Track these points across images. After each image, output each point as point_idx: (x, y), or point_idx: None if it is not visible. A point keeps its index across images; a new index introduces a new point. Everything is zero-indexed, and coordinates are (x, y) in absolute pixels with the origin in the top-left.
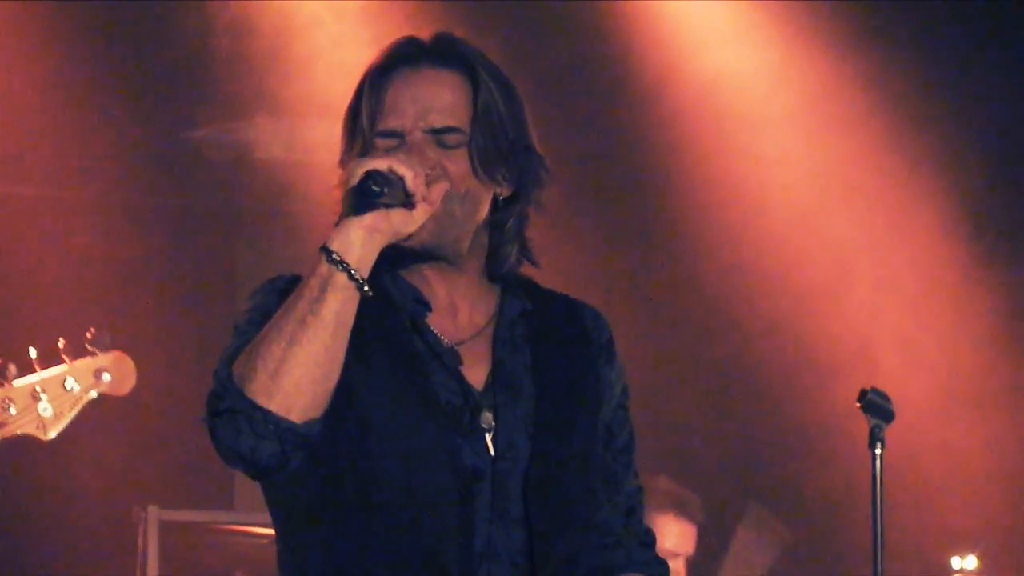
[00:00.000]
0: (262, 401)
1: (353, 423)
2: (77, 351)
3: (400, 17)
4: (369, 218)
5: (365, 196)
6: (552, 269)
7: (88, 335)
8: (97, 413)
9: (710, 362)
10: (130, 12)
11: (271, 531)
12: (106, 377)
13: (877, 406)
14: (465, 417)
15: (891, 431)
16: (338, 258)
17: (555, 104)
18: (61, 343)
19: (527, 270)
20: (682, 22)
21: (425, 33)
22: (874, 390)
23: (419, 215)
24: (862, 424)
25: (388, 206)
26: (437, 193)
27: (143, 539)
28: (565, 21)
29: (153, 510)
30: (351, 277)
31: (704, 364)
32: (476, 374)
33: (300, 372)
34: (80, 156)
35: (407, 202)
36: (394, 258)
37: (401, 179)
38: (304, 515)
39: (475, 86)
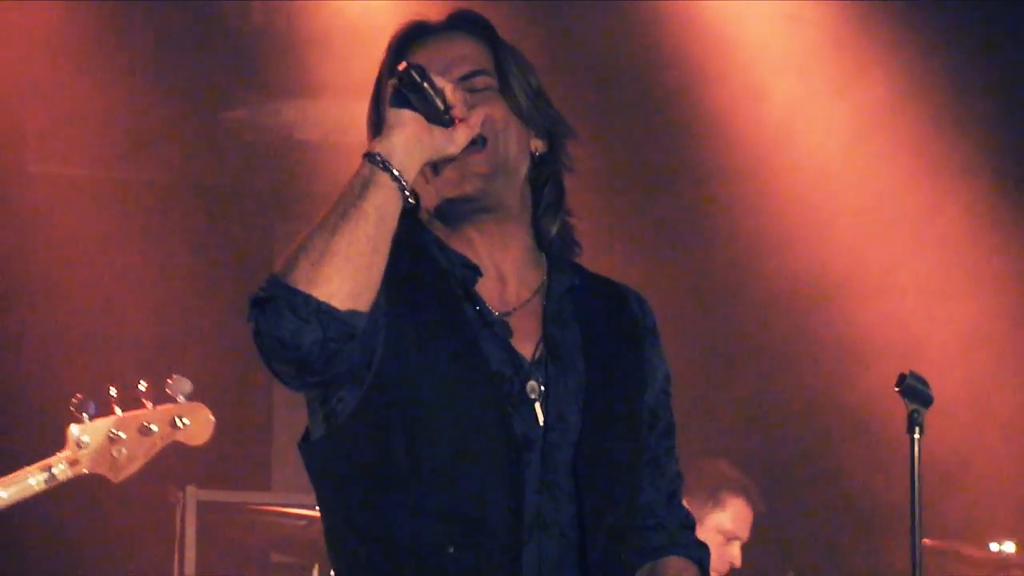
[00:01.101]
0: (303, 287)
1: (404, 388)
2: (158, 396)
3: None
4: (412, 123)
5: (407, 87)
6: (597, 264)
7: (169, 381)
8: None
9: (755, 351)
10: None
11: (308, 512)
12: (184, 424)
13: (915, 391)
14: (515, 387)
15: (930, 415)
16: (381, 160)
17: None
18: (143, 386)
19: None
20: (732, 30)
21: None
22: (913, 374)
23: (460, 136)
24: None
25: (429, 116)
26: (476, 118)
27: (181, 519)
28: (615, 21)
29: (191, 490)
30: (393, 177)
31: (748, 354)
32: (525, 346)
33: (342, 259)
34: (124, 137)
35: (446, 117)
36: (443, 219)
37: (441, 90)
38: (352, 482)
39: (492, 43)
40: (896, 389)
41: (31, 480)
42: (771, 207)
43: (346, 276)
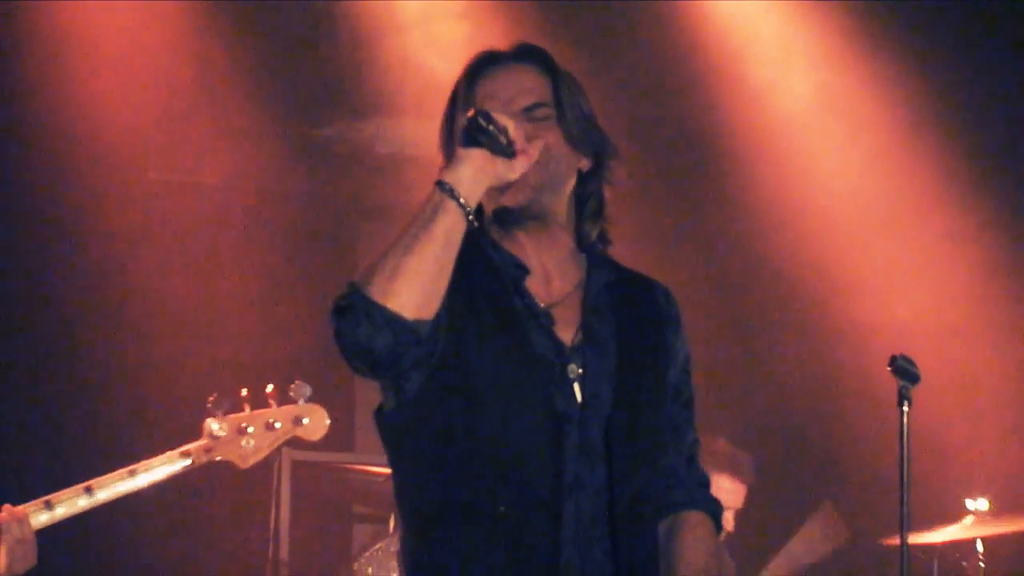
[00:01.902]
0: (378, 298)
1: (462, 371)
2: (282, 399)
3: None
4: (478, 158)
5: (474, 131)
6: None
7: (292, 386)
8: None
9: (765, 336)
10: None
11: (384, 470)
12: (304, 423)
13: (904, 370)
14: (557, 369)
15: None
16: (449, 188)
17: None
18: (269, 388)
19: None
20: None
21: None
22: (902, 356)
23: (519, 165)
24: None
25: (493, 150)
26: (535, 148)
27: (277, 477)
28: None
29: (287, 452)
30: (459, 204)
31: (759, 338)
32: (566, 333)
33: (412, 275)
34: (229, 149)
35: (508, 150)
36: (499, 223)
37: (505, 128)
38: (418, 448)
39: (552, 75)
40: (888, 368)
41: (173, 464)
42: (779, 208)
43: (415, 290)
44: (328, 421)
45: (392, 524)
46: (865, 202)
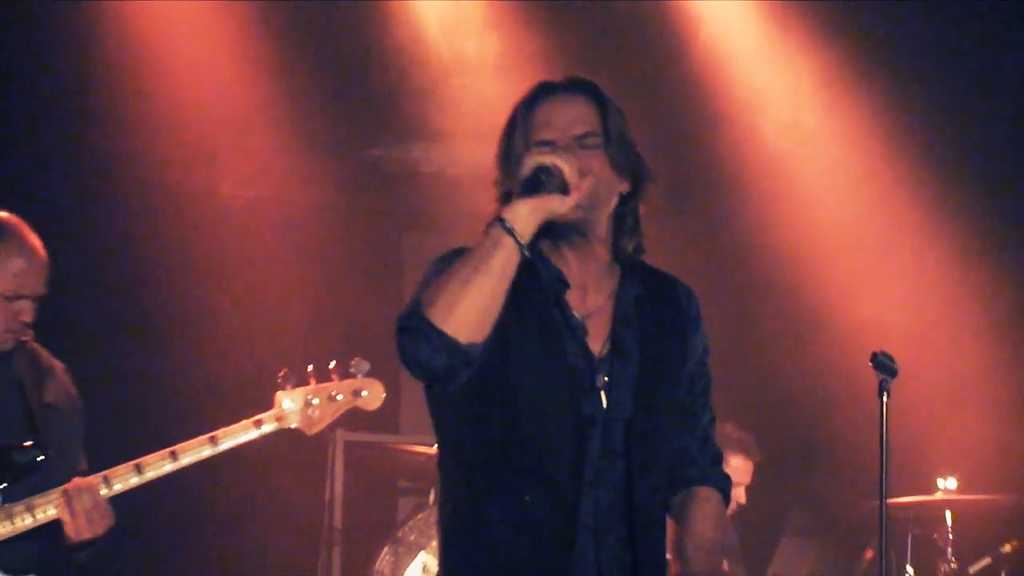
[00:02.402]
0: (438, 323)
1: (503, 374)
2: (343, 373)
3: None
4: (534, 199)
5: (534, 184)
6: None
7: (352, 362)
8: (298, 353)
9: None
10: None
11: (426, 450)
12: (363, 395)
13: (884, 365)
14: (587, 377)
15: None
16: (508, 226)
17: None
18: (332, 365)
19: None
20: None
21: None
22: (882, 352)
23: (570, 200)
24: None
25: (549, 192)
26: (586, 184)
27: (332, 455)
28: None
29: (340, 433)
30: (516, 241)
31: (757, 338)
32: (597, 343)
33: (468, 305)
34: (289, 167)
35: (563, 189)
36: (547, 233)
37: (561, 171)
38: (462, 438)
39: (601, 105)
40: (870, 363)
41: (248, 432)
42: (772, 217)
43: (472, 318)
44: (384, 394)
45: (432, 497)
46: (851, 212)
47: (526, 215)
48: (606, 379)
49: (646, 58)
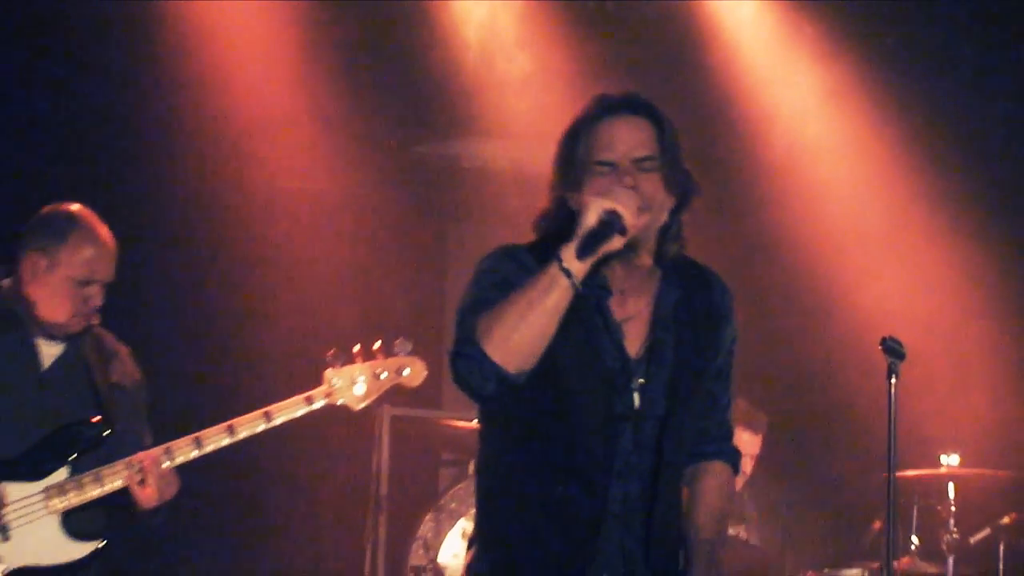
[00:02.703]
0: (491, 354)
1: (546, 376)
2: (387, 352)
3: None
4: (595, 249)
5: (597, 237)
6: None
7: (396, 342)
8: (346, 334)
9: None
10: (376, 53)
11: (467, 424)
12: (406, 373)
13: (893, 349)
14: (622, 378)
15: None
16: (566, 268)
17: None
18: (377, 345)
19: None
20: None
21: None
22: (891, 337)
23: (627, 236)
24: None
25: (609, 238)
26: (642, 221)
27: (379, 428)
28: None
29: (387, 408)
30: (572, 284)
31: (773, 323)
32: (634, 346)
33: (521, 340)
34: (342, 162)
35: (623, 231)
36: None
37: (622, 217)
38: (504, 428)
39: (658, 127)
40: (880, 348)
41: (299, 407)
42: (790, 211)
43: (523, 351)
44: (425, 372)
45: (471, 468)
46: (860, 205)
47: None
48: (641, 380)
49: (671, 61)
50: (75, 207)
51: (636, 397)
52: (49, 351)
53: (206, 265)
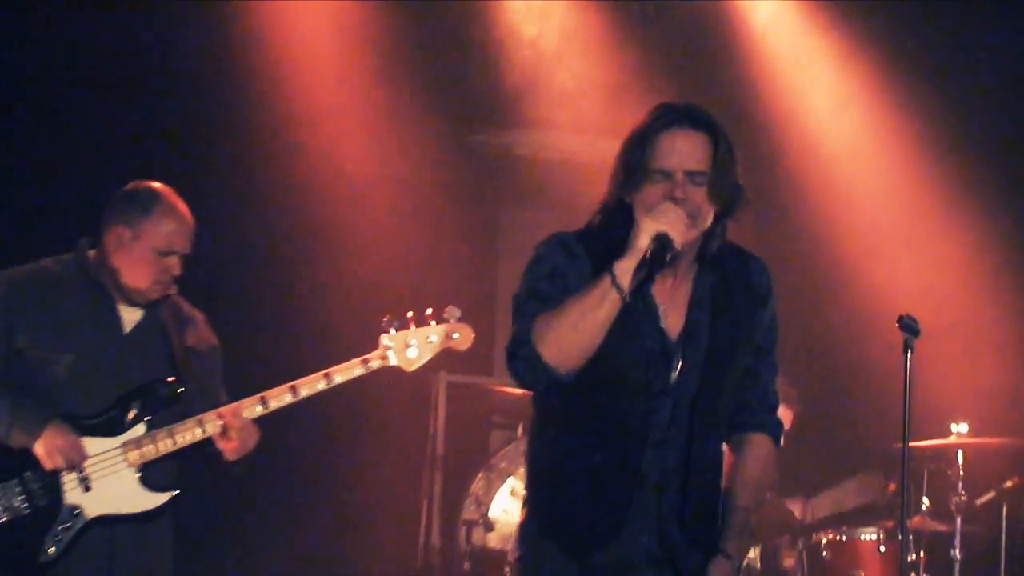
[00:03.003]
0: (545, 358)
1: (599, 354)
2: (438, 319)
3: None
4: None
5: (652, 259)
6: None
7: (446, 309)
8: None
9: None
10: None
11: (516, 391)
12: (455, 337)
13: (909, 326)
14: (662, 359)
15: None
16: (618, 283)
17: None
18: (428, 311)
19: None
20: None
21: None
22: (907, 315)
23: (673, 252)
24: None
25: (659, 259)
26: (690, 237)
27: (435, 394)
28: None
29: (443, 375)
30: (622, 297)
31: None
32: (673, 327)
33: (573, 346)
34: (406, 150)
35: (672, 249)
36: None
37: (673, 240)
38: (551, 402)
39: (714, 142)
40: (896, 324)
41: (356, 369)
42: (814, 196)
43: (572, 354)
44: (473, 335)
45: (520, 431)
46: (881, 191)
47: (633, 270)
48: (679, 361)
49: (706, 63)
50: (157, 184)
51: (674, 375)
52: (130, 317)
53: (279, 242)
